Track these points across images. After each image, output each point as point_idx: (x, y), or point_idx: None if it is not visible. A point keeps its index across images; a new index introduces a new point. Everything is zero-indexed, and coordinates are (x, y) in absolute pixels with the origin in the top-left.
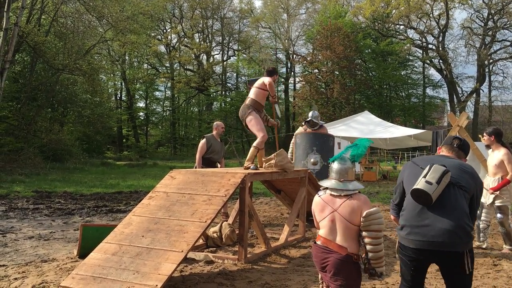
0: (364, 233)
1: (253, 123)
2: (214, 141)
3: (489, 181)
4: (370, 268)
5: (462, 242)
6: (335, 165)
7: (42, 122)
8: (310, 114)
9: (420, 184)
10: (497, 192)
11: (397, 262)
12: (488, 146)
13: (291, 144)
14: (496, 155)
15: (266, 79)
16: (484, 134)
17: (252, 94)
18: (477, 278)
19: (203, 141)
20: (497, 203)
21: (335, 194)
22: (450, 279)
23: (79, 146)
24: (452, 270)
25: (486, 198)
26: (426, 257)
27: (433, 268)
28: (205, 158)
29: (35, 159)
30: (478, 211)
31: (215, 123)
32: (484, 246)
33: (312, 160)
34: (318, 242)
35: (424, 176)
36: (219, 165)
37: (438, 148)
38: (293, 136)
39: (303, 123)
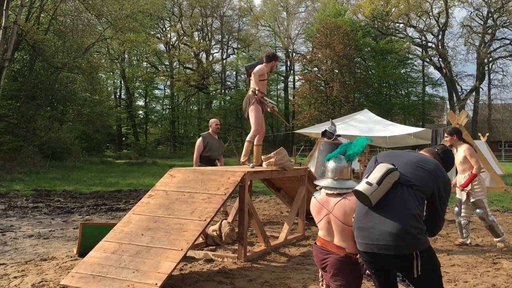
0: None
1: (252, 114)
2: (211, 139)
3: (461, 178)
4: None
5: (407, 245)
6: (330, 164)
7: (42, 120)
8: (327, 127)
9: (360, 184)
10: (468, 188)
11: None
12: (451, 146)
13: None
14: (460, 152)
15: (257, 68)
16: (446, 135)
17: (253, 84)
18: (476, 276)
19: (199, 139)
20: (472, 199)
21: (329, 192)
22: (413, 283)
23: (79, 145)
24: (406, 273)
25: (461, 195)
26: (376, 260)
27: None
28: (204, 156)
29: (34, 157)
30: (457, 208)
31: (210, 120)
32: (468, 242)
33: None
34: (318, 243)
35: (367, 176)
36: (218, 164)
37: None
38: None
39: (321, 135)
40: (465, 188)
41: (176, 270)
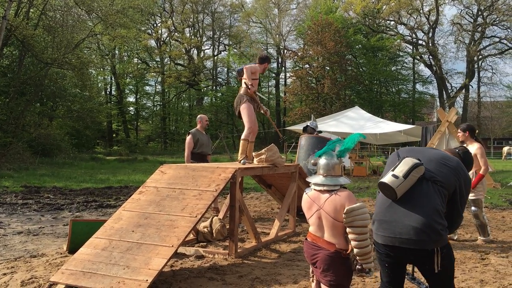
0: (348, 229)
1: (244, 112)
2: (200, 135)
3: None
4: (358, 264)
5: (430, 240)
6: (321, 161)
7: (31, 116)
8: (309, 122)
9: (386, 177)
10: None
11: None
12: (462, 142)
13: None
14: (470, 149)
15: (250, 64)
16: (459, 130)
17: (248, 81)
18: (465, 272)
19: (189, 137)
20: (471, 196)
21: (317, 189)
22: (427, 279)
23: (69, 141)
24: (424, 268)
25: None
26: (396, 254)
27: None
28: (196, 153)
29: (23, 153)
30: None
31: (198, 116)
32: (455, 238)
33: (312, 161)
34: (308, 239)
35: (393, 169)
36: (208, 160)
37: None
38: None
39: (302, 131)
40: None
41: (167, 267)
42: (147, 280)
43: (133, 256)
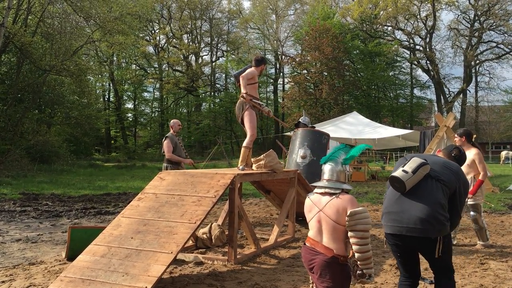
0: (350, 233)
1: (247, 119)
2: (176, 140)
3: None
4: (358, 270)
5: (434, 229)
6: (326, 166)
7: (29, 123)
8: (301, 119)
9: (397, 172)
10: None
11: (385, 262)
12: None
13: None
14: (468, 155)
15: (246, 71)
16: (456, 135)
17: (244, 89)
18: (464, 277)
19: (167, 140)
20: (470, 201)
21: (319, 191)
22: (429, 261)
23: (67, 148)
24: (427, 255)
25: None
26: (403, 242)
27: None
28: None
29: (22, 160)
30: None
31: (171, 121)
32: (454, 242)
33: (301, 153)
34: (307, 244)
35: (403, 166)
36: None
37: (437, 150)
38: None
39: (295, 126)
40: (473, 196)
41: (166, 273)
42: (146, 287)
43: (132, 263)
